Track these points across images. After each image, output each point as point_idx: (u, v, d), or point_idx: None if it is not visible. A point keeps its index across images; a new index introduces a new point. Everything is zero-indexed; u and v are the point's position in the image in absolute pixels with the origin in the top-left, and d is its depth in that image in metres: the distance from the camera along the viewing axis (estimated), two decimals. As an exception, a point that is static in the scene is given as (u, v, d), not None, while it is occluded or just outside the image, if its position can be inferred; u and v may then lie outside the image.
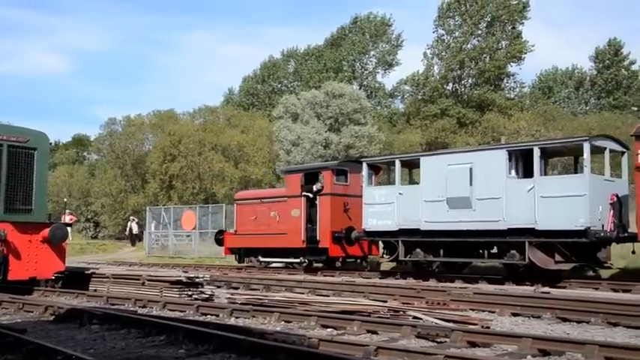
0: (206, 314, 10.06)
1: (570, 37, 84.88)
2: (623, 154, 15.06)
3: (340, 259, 19.51)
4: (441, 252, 15.89)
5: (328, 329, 8.42)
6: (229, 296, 12.07)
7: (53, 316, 9.64)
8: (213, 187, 39.36)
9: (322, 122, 38.44)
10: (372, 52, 56.69)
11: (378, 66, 56.79)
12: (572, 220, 13.40)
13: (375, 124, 41.35)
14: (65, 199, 37.30)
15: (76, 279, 13.96)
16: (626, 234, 13.86)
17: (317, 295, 12.38)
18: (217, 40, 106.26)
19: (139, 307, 11.04)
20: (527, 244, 14.00)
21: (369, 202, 17.21)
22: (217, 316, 9.83)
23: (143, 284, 12.67)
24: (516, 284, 13.74)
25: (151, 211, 33.95)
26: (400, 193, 16.57)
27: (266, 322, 9.18)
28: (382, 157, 19.64)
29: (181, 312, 10.38)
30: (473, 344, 7.12)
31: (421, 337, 7.55)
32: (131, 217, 38.81)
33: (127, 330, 8.12)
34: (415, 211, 16.06)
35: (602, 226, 13.51)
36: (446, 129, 42.93)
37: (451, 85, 48.23)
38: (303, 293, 12.72)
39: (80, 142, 70.83)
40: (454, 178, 15.26)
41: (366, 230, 17.23)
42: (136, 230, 37.40)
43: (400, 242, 16.43)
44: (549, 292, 11.95)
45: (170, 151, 40.03)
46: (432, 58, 47.92)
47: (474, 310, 10.10)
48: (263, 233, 20.00)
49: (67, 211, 34.87)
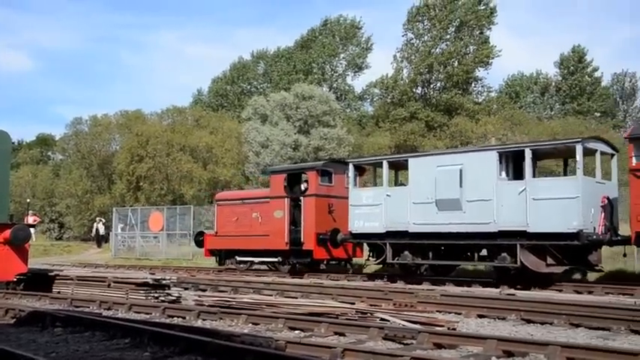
0: (173, 316, 9.96)
1: (536, 44, 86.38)
2: (613, 156, 14.95)
3: (324, 262, 19.22)
4: (430, 255, 15.67)
5: (296, 331, 8.41)
6: (197, 298, 11.97)
7: (14, 319, 9.44)
8: (181, 188, 39.01)
9: (291, 124, 38.41)
10: (342, 55, 56.88)
11: (348, 69, 57.00)
12: (564, 222, 13.25)
13: (344, 126, 41.46)
14: (28, 200, 36.59)
15: (39, 281, 13.68)
16: (619, 237, 13.83)
17: (285, 297, 12.37)
18: (186, 40, 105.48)
19: (104, 309, 10.88)
20: (518, 246, 13.82)
21: (355, 204, 16.86)
22: (184, 318, 9.75)
23: (109, 286, 12.49)
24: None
25: (118, 212, 33.54)
26: (388, 195, 16.23)
27: (233, 324, 9.13)
28: (369, 158, 19.33)
29: (147, 314, 10.26)
30: (439, 346, 7.18)
31: (388, 339, 7.59)
32: (97, 218, 38.27)
33: (91, 333, 7.99)
34: (403, 213, 15.79)
35: (594, 228, 13.43)
36: (414, 132, 43.23)
37: (420, 88, 48.63)
38: (271, 295, 12.69)
39: (44, 141, 69.50)
40: (444, 180, 15.03)
41: (353, 232, 16.90)
42: (102, 231, 36.90)
43: (388, 245, 16.12)
44: (515, 294, 12.13)
45: (137, 151, 39.54)
46: (402, 61, 48.25)
47: (440, 312, 10.19)
48: (244, 235, 19.65)
49: (31, 211, 34.24)
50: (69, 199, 43.98)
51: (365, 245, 18.02)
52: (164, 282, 12.11)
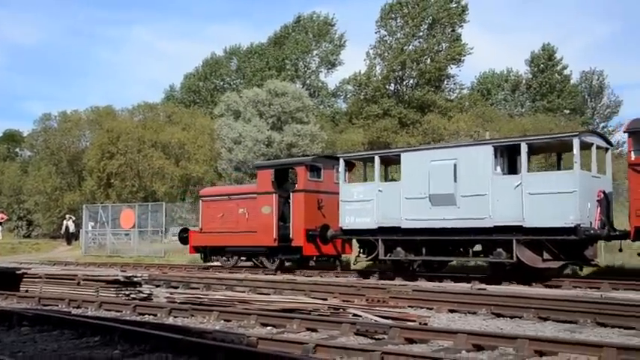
0: (144, 314, 9.89)
1: (507, 42, 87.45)
2: (607, 150, 14.80)
3: (314, 258, 18.94)
4: (423, 250, 15.34)
5: (268, 327, 8.41)
6: (168, 295, 11.87)
7: (-20, 319, 9.24)
8: (153, 185, 38.66)
9: (264, 120, 38.27)
10: (315, 52, 56.81)
11: (321, 65, 56.97)
12: (561, 217, 13.05)
13: (317, 123, 41.45)
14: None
15: (6, 280, 13.42)
16: (617, 232, 13.62)
17: (258, 293, 12.34)
18: (158, 35, 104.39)
19: (74, 307, 10.74)
20: (514, 241, 13.63)
21: (346, 199, 16.50)
22: (155, 315, 9.68)
23: (78, 284, 12.33)
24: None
25: (88, 209, 33.10)
26: (380, 190, 15.92)
27: (205, 321, 9.08)
28: (361, 153, 18.82)
29: (118, 312, 10.16)
30: (410, 341, 7.23)
31: (360, 334, 7.62)
32: (67, 216, 37.78)
33: (59, 331, 7.87)
34: (396, 209, 15.45)
35: (590, 223, 13.26)
36: (387, 129, 43.44)
37: (393, 85, 48.85)
38: (244, 292, 12.66)
39: (12, 137, 68.16)
40: (438, 175, 14.74)
41: (343, 228, 16.57)
42: (72, 229, 36.39)
43: (380, 241, 15.81)
44: (485, 289, 12.26)
45: (108, 148, 39.09)
46: (375, 58, 48.43)
47: (412, 307, 10.26)
48: (231, 231, 19.30)
49: (-2, 209, 33.63)
50: (37, 196, 43.33)
51: (354, 241, 17.68)
52: (135, 279, 12.00)
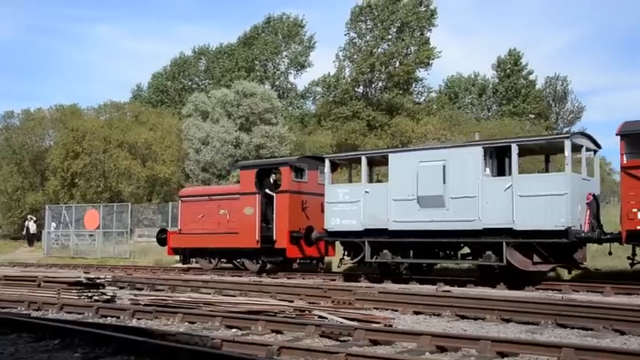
0: (106, 316, 9.73)
1: (474, 46, 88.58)
2: (596, 152, 14.73)
3: (297, 261, 18.63)
4: (411, 253, 15.11)
5: (233, 329, 8.36)
6: (132, 297, 11.72)
7: None
8: (118, 185, 38.15)
9: (233, 121, 38.13)
10: (285, 53, 56.77)
11: (291, 67, 56.96)
12: (552, 219, 12.92)
13: (286, 124, 41.46)
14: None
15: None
16: (608, 235, 13.48)
17: (223, 295, 12.25)
18: (125, 34, 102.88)
19: (33, 310, 10.50)
20: (504, 244, 13.45)
21: (331, 201, 16.15)
22: (118, 317, 9.53)
23: (39, 286, 12.05)
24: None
25: (51, 210, 32.52)
26: (366, 192, 15.61)
27: (169, 323, 8.99)
28: (347, 154, 18.64)
29: (80, 314, 9.98)
30: (375, 342, 7.25)
31: (325, 336, 7.62)
32: (29, 216, 37.05)
33: (17, 335, 7.69)
34: (383, 211, 15.18)
35: (580, 226, 13.20)
36: (356, 131, 43.64)
37: (362, 88, 49.07)
38: (210, 294, 12.54)
39: (-27, 135, 66.53)
40: (426, 176, 14.48)
41: (329, 230, 16.22)
42: (32, 229, 35.67)
43: (366, 243, 15.48)
44: (450, 291, 12.38)
45: (73, 147, 38.43)
46: (344, 60, 48.59)
47: (378, 308, 10.27)
48: (211, 232, 18.88)
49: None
50: (-2, 196, 42.35)
51: (338, 244, 17.38)
52: (98, 281, 11.78)
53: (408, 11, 46.71)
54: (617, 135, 13.11)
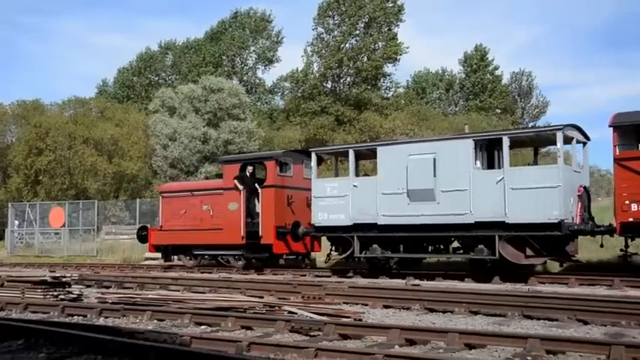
0: (73, 315, 9.59)
1: (442, 42, 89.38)
2: (585, 144, 14.59)
3: (283, 257, 18.33)
4: (401, 248, 14.90)
5: (202, 326, 8.30)
6: (100, 296, 11.55)
7: None
8: (84, 182, 37.55)
9: (200, 117, 37.81)
10: (252, 48, 56.49)
11: (258, 62, 56.72)
12: (545, 212, 12.78)
13: (254, 119, 41.26)
14: None
15: None
16: (601, 227, 13.41)
17: (193, 292, 12.17)
18: (91, 28, 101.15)
19: (-4, 310, 10.28)
20: (497, 238, 13.29)
21: (318, 195, 15.85)
22: (85, 316, 9.40)
23: (2, 285, 11.81)
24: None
25: (14, 208, 31.84)
26: (355, 185, 15.33)
27: (137, 321, 8.88)
28: (333, 147, 18.15)
29: (45, 314, 9.80)
30: (345, 336, 7.28)
31: (295, 332, 7.62)
32: (-10, 215, 36.24)
33: (-20, 336, 7.51)
34: (372, 205, 14.91)
35: (572, 218, 13.11)
36: (325, 126, 43.69)
37: (330, 83, 49.10)
38: (179, 291, 12.46)
39: None
40: (416, 169, 14.25)
41: (316, 225, 15.91)
42: (-5, 228, 34.91)
43: (355, 238, 15.23)
44: (419, 285, 12.50)
45: (36, 144, 37.70)
46: (312, 55, 48.51)
47: (348, 303, 10.31)
48: (194, 229, 18.47)
49: None
50: (-42, 194, 41.33)
51: (324, 239, 17.05)
52: (64, 279, 11.59)
53: (376, 7, 46.83)
54: (610, 126, 12.98)
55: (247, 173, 17.87)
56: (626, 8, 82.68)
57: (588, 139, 14.57)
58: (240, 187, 17.51)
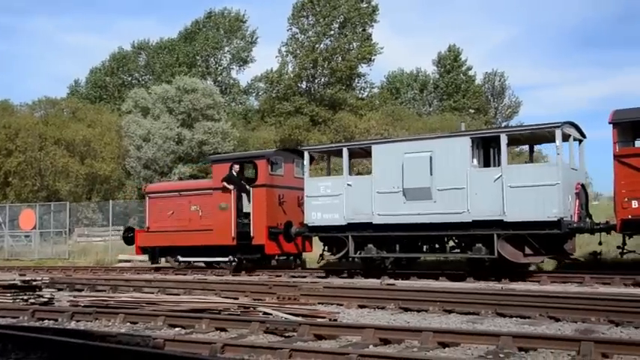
0: (43, 319, 9.41)
1: (416, 42, 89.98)
2: (581, 142, 14.46)
3: (276, 257, 18.07)
4: (397, 247, 14.68)
5: (176, 329, 8.23)
6: (72, 299, 11.36)
7: None
8: (56, 184, 37.00)
9: (174, 117, 37.55)
10: (227, 48, 56.25)
11: (233, 62, 56.49)
12: (544, 210, 12.62)
13: (229, 120, 41.10)
14: None
15: None
16: (600, 225, 13.19)
17: (167, 294, 12.05)
18: (62, 28, 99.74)
19: (-37, 315, 10.06)
20: (495, 236, 13.09)
21: (312, 195, 15.55)
22: (56, 320, 9.25)
23: (-30, 290, 11.56)
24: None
25: (-18, 210, 31.27)
26: (349, 184, 15.08)
27: (110, 324, 8.78)
28: (327, 146, 17.92)
29: (14, 318, 9.62)
30: (320, 337, 7.27)
31: (270, 333, 7.59)
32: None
33: (-54, 341, 7.34)
34: (367, 204, 14.66)
35: (570, 216, 12.98)
36: (299, 127, 43.67)
37: (305, 83, 49.11)
38: (153, 293, 12.32)
39: None
40: (412, 168, 14.02)
41: (309, 225, 15.60)
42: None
43: (350, 237, 14.97)
44: (394, 284, 12.55)
45: (5, 145, 37.05)
46: (286, 56, 48.47)
47: (323, 303, 10.30)
48: (182, 230, 18.00)
49: None
50: None
51: (316, 239, 16.77)
52: (35, 283, 11.41)
53: (350, 7, 46.96)
54: (609, 123, 12.85)
55: (234, 172, 17.52)
56: (604, 9, 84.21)
57: (585, 137, 14.49)
58: (229, 186, 17.25)
